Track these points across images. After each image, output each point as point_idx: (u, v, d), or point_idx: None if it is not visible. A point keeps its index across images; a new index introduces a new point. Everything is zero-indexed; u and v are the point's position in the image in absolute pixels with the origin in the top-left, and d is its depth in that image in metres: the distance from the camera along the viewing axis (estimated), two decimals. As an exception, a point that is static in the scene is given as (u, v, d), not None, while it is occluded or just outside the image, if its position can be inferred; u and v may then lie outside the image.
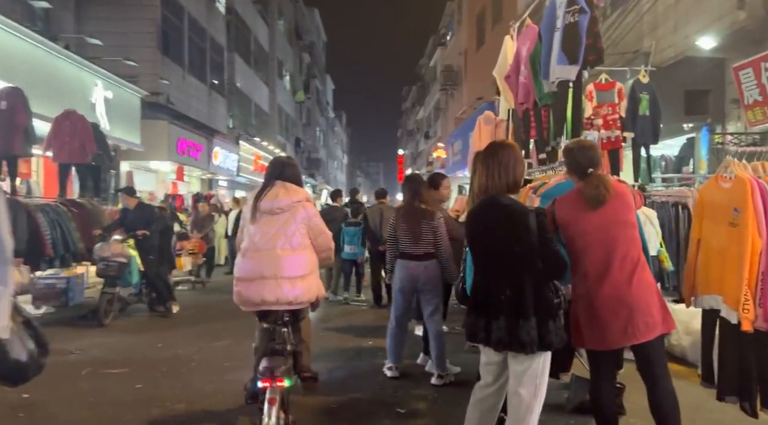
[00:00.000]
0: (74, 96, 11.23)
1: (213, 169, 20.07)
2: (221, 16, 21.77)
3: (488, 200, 2.60)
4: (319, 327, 6.69)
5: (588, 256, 2.72)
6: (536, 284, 2.48)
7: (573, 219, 2.75)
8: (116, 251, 6.58)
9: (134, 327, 6.75)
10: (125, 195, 7.40)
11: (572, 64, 3.59)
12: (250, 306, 3.30)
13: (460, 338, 5.77)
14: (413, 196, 4.63)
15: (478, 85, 23.38)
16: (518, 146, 2.76)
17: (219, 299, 8.72)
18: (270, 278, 3.19)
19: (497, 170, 2.58)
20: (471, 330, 2.63)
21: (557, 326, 2.50)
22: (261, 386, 3.03)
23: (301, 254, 3.27)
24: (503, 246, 2.52)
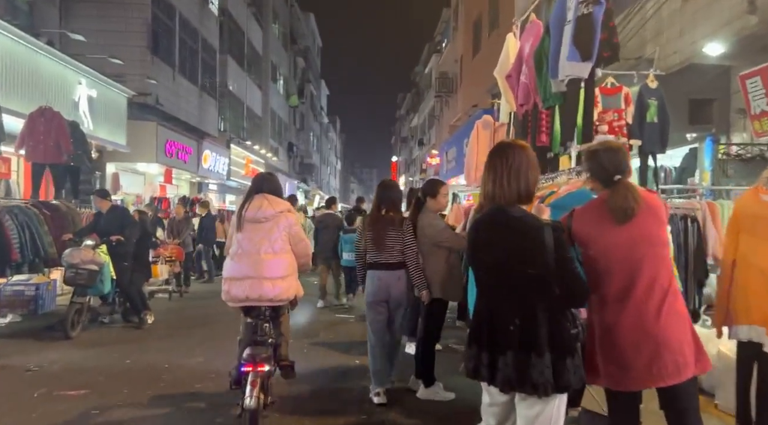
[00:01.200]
0: (56, 94, 10.78)
1: (203, 172, 19.62)
2: (214, 17, 21.38)
3: (495, 210, 2.20)
4: (304, 342, 6.27)
5: (609, 278, 2.33)
6: (552, 313, 2.07)
7: (594, 235, 2.35)
8: (87, 257, 6.10)
9: (103, 340, 6.28)
10: (97, 198, 6.96)
11: (585, 60, 3.22)
12: (236, 302, 3.74)
13: (455, 356, 5.40)
14: (380, 203, 4.49)
15: (473, 92, 23.18)
16: (529, 147, 2.31)
17: (196, 310, 8.29)
18: (254, 278, 3.65)
19: (506, 175, 2.16)
20: (472, 364, 2.21)
21: (576, 363, 2.09)
22: (244, 370, 3.47)
23: (282, 258, 3.74)
24: (512, 266, 2.11)
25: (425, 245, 4.37)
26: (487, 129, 6.27)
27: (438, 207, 4.53)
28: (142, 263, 7.14)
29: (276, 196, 3.91)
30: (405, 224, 4.42)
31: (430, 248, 4.36)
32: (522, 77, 4.24)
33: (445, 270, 4.34)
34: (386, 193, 4.54)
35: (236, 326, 4.32)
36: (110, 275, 6.49)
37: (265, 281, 3.64)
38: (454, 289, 4.39)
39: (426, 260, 4.37)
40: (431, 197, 4.47)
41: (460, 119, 24.59)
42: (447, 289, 4.35)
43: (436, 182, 4.64)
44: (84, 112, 11.91)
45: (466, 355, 2.28)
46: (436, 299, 4.34)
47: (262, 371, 3.48)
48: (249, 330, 3.71)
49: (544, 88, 3.83)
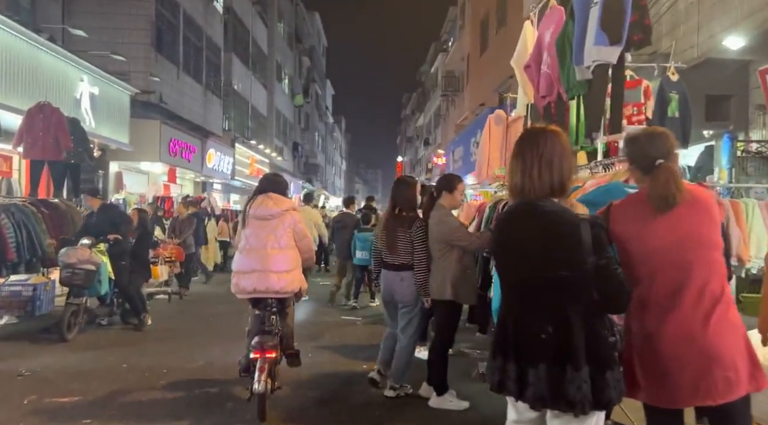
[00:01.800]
0: (57, 90, 10.61)
1: (207, 172, 19.46)
2: (219, 15, 21.21)
3: (524, 205, 1.94)
4: (309, 345, 6.04)
5: (652, 282, 2.05)
6: (589, 321, 1.82)
7: (635, 232, 2.07)
8: (83, 257, 5.87)
9: (100, 343, 6.04)
10: (87, 196, 6.73)
11: (614, 44, 2.98)
12: (244, 294, 4.04)
13: (467, 361, 5.16)
14: (394, 202, 4.43)
15: (480, 90, 22.95)
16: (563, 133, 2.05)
17: (196, 312, 8.01)
18: (261, 271, 3.93)
19: (537, 165, 1.90)
20: (497, 377, 1.96)
21: (616, 377, 1.84)
22: (253, 357, 3.77)
23: (287, 253, 4.03)
24: (545, 268, 1.86)
25: (436, 243, 4.12)
26: (499, 124, 6.02)
27: (453, 204, 4.26)
28: (142, 263, 6.90)
29: (281, 195, 4.21)
30: (415, 226, 4.27)
31: (441, 246, 4.10)
32: (543, 67, 3.99)
33: (458, 271, 4.07)
34: (400, 191, 4.41)
35: (239, 328, 4.69)
36: (108, 275, 6.27)
37: (272, 274, 3.94)
38: (467, 291, 4.13)
39: (437, 260, 4.13)
40: (448, 192, 4.19)
41: (467, 118, 24.37)
42: (460, 291, 4.08)
43: (454, 177, 4.37)
44: (86, 109, 11.74)
45: (489, 367, 2.03)
46: (448, 302, 4.08)
47: (270, 357, 3.81)
48: (257, 321, 4.04)
49: (568, 76, 3.58)
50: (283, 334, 4.13)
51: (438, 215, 4.13)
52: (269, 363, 3.78)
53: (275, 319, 4.01)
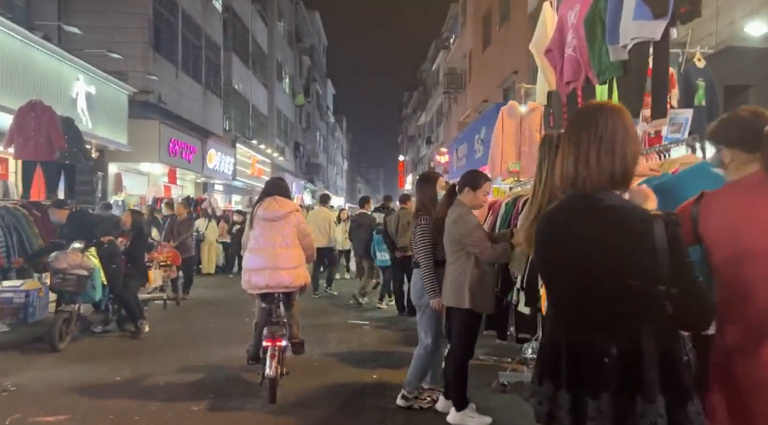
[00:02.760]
0: (52, 90, 10.32)
1: (207, 172, 19.17)
2: (218, 13, 20.91)
3: (579, 199, 1.61)
4: (315, 352, 5.71)
5: (753, 295, 1.64)
6: (663, 341, 1.49)
7: (737, 229, 1.67)
8: (74, 262, 5.55)
9: (93, 353, 5.69)
10: (54, 209, 6.37)
11: (658, 17, 2.64)
12: (256, 289, 4.41)
13: (485, 370, 4.81)
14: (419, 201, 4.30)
15: (483, 87, 22.67)
16: (626, 111, 1.70)
17: (195, 319, 7.58)
18: (271, 268, 4.32)
19: (595, 149, 1.57)
20: (546, 408, 1.62)
21: (697, 409, 1.50)
22: (264, 345, 4.19)
23: (293, 250, 4.43)
24: (606, 275, 1.53)
25: (451, 244, 3.78)
26: (513, 116, 5.69)
27: (475, 203, 3.87)
28: (138, 267, 6.56)
29: (286, 198, 4.62)
30: (417, 221, 4.08)
31: (456, 248, 3.73)
32: (568, 50, 3.66)
33: (474, 276, 3.68)
34: (420, 189, 4.28)
35: (239, 335, 5.22)
36: (101, 280, 5.94)
37: (281, 271, 4.34)
38: (485, 299, 3.74)
39: (452, 263, 3.79)
40: (471, 189, 3.82)
41: (470, 116, 24.09)
42: (477, 298, 3.69)
43: (481, 174, 4.00)
44: (82, 109, 11.44)
45: (535, 393, 1.70)
46: (465, 309, 3.75)
47: (279, 345, 4.21)
48: (265, 314, 4.42)
49: (599, 58, 3.24)
50: (289, 324, 4.52)
51: (456, 212, 3.78)
52: (279, 350, 4.20)
53: (282, 311, 4.44)
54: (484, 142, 15.45)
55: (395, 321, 7.74)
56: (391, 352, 5.81)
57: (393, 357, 5.54)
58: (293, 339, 4.65)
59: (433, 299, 3.94)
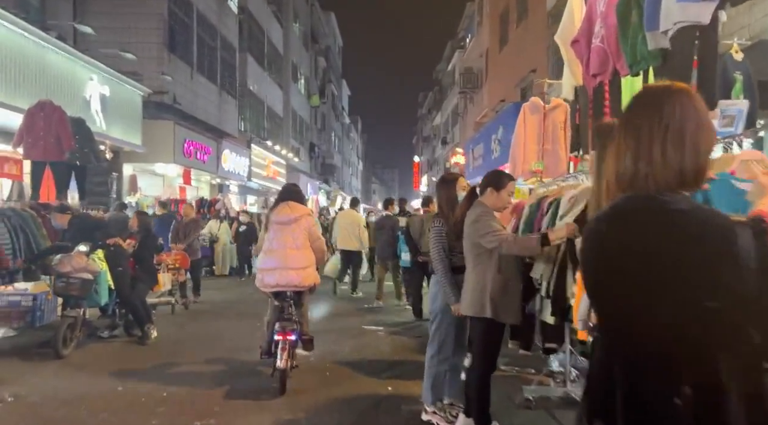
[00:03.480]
0: (65, 90, 10.27)
1: (222, 173, 19.10)
2: (233, 14, 20.85)
3: (639, 201, 1.31)
4: (327, 361, 5.48)
5: None
6: (749, 377, 1.21)
7: None
8: (79, 265, 5.38)
9: (97, 360, 5.47)
10: (55, 214, 6.26)
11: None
12: (268, 288, 4.71)
13: (508, 382, 4.52)
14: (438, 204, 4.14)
15: (500, 86, 22.35)
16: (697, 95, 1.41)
17: (203, 325, 7.29)
18: (282, 268, 4.61)
19: (660, 140, 1.28)
20: None
21: None
22: (276, 339, 4.47)
23: (303, 252, 4.71)
24: (678, 296, 1.23)
25: (471, 248, 3.51)
26: (535, 113, 5.40)
27: (497, 204, 3.52)
28: (146, 270, 6.38)
29: (299, 203, 4.93)
30: (432, 223, 3.92)
31: (477, 252, 3.45)
32: (595, 41, 3.38)
33: (498, 283, 3.39)
34: (438, 191, 4.09)
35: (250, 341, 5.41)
36: (108, 284, 5.77)
37: (291, 271, 4.64)
38: (510, 308, 3.44)
39: (472, 269, 3.51)
40: (494, 189, 3.53)
41: (486, 116, 23.78)
42: (500, 307, 3.39)
43: (504, 174, 3.72)
44: (96, 110, 11.38)
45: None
46: (487, 320, 3.45)
47: (290, 339, 4.51)
48: (277, 311, 4.73)
49: (633, 47, 2.96)
50: (299, 322, 4.77)
51: (475, 212, 3.49)
52: (289, 344, 4.50)
53: (293, 309, 4.69)
54: (502, 142, 15.13)
55: (411, 326, 7.49)
56: (406, 361, 5.56)
57: (409, 367, 5.28)
58: (303, 336, 4.94)
59: (454, 304, 3.69)
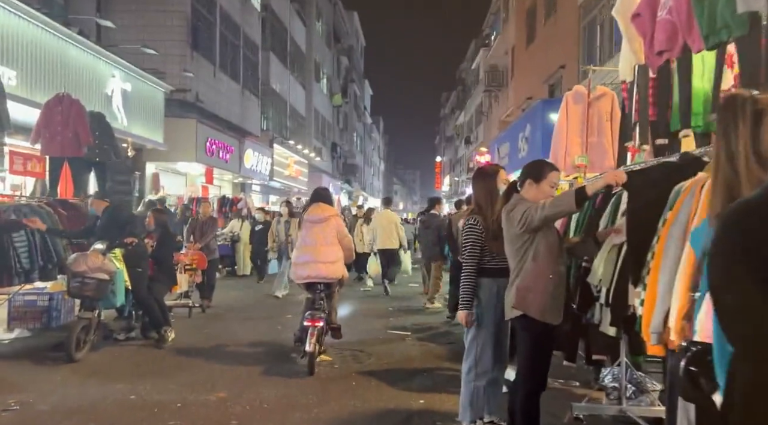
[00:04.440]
0: (86, 86, 10.14)
1: (245, 172, 18.97)
2: (256, 12, 20.71)
3: None
4: (352, 370, 5.14)
5: None
6: None
7: None
8: (94, 264, 5.12)
9: (111, 365, 5.18)
10: (94, 199, 6.08)
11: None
12: (300, 280, 5.27)
13: (556, 397, 4.03)
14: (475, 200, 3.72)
15: (527, 83, 21.84)
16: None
17: (221, 329, 6.89)
18: (313, 262, 5.14)
19: None
20: None
21: None
22: (305, 325, 4.98)
23: (332, 248, 5.22)
24: None
25: (512, 242, 3.08)
26: (579, 103, 4.97)
27: (539, 197, 3.09)
28: (165, 270, 6.11)
29: (328, 204, 5.52)
30: (466, 220, 3.54)
31: (518, 245, 3.03)
32: (661, 13, 2.97)
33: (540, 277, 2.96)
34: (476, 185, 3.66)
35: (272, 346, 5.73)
36: (125, 284, 5.51)
37: (320, 264, 5.15)
38: (553, 306, 3.03)
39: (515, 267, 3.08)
40: (534, 181, 3.11)
41: (512, 114, 23.29)
42: (547, 306, 2.99)
43: (545, 163, 3.32)
44: (118, 106, 11.25)
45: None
46: (533, 323, 2.98)
47: (318, 325, 4.97)
48: (309, 301, 5.28)
49: (710, 14, 2.55)
50: (328, 312, 5.33)
51: (510, 205, 3.11)
52: (318, 330, 4.96)
53: (323, 300, 5.21)
54: (529, 140, 14.63)
55: (440, 331, 7.09)
56: (439, 370, 5.15)
57: (441, 377, 4.89)
58: (332, 325, 5.47)
59: (461, 311, 3.39)
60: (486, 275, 3.39)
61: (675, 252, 2.17)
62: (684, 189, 2.28)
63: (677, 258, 2.15)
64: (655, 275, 2.25)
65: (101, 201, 6.02)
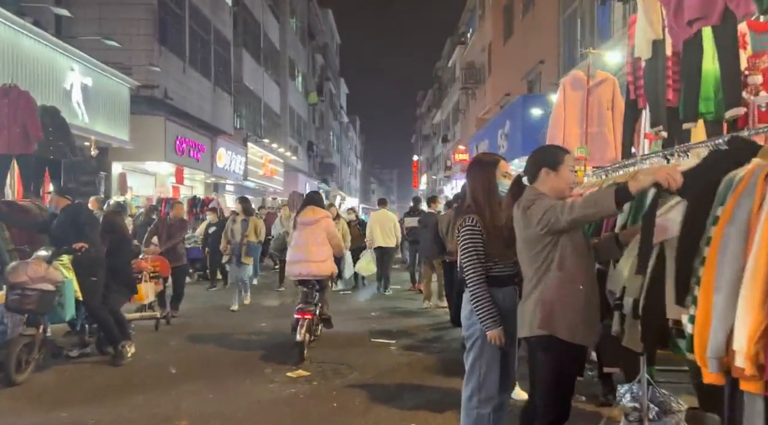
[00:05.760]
0: (42, 80, 9.43)
1: (217, 172, 18.29)
2: (227, 6, 20.01)
3: None
4: (333, 383, 4.67)
5: None
6: None
7: None
8: (36, 274, 4.49)
9: (58, 387, 4.54)
10: (55, 194, 5.44)
11: None
12: (294, 277, 5.93)
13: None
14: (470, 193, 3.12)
15: (505, 80, 21.65)
16: None
17: (187, 344, 6.17)
18: (305, 261, 5.77)
19: None
20: None
21: None
22: (296, 318, 5.59)
23: (322, 247, 5.79)
24: None
25: (529, 246, 2.58)
26: (578, 90, 4.57)
27: (560, 186, 2.62)
28: (122, 279, 5.46)
29: (320, 207, 6.01)
30: (462, 220, 2.94)
31: (538, 248, 2.54)
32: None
33: (566, 290, 2.48)
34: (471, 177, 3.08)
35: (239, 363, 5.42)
36: (74, 295, 4.89)
37: (311, 263, 5.66)
38: (587, 324, 2.53)
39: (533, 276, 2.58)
40: (550, 169, 2.61)
41: (490, 111, 23.11)
42: (576, 323, 2.49)
43: (555, 147, 2.88)
44: (78, 102, 10.55)
45: None
46: (560, 344, 2.49)
47: (308, 318, 5.47)
48: (303, 296, 5.79)
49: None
50: (321, 305, 5.98)
51: (525, 200, 2.62)
52: (308, 322, 5.48)
53: (314, 294, 5.81)
54: (509, 136, 14.33)
55: (427, 337, 6.65)
56: (429, 387, 4.64)
57: (433, 395, 4.39)
58: (323, 316, 6.09)
59: (491, 330, 2.76)
60: (489, 284, 2.83)
61: (735, 257, 1.75)
62: (740, 179, 1.87)
63: (739, 264, 1.73)
64: (709, 286, 1.83)
65: (62, 198, 5.38)
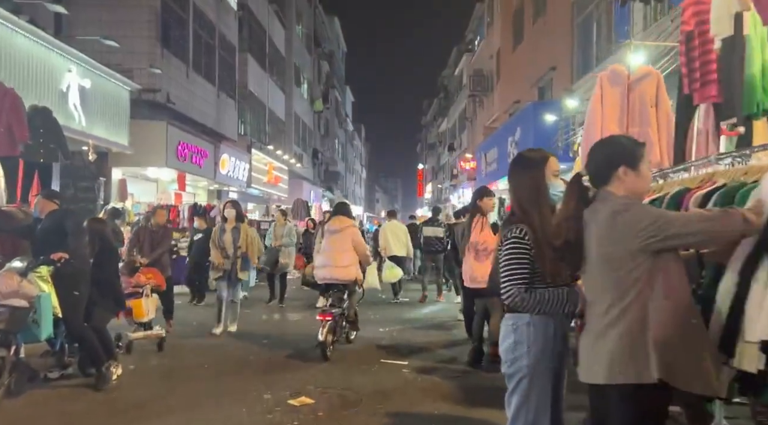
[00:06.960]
0: (36, 80, 9.02)
1: (220, 178, 17.87)
2: (233, 11, 19.69)
3: None
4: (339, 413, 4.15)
5: None
6: None
7: None
8: (8, 288, 4.00)
9: (28, 418, 4.09)
10: (41, 197, 4.95)
11: None
12: (321, 280, 6.51)
13: None
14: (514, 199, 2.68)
15: (514, 87, 21.25)
16: None
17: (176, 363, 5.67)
18: (331, 266, 6.24)
19: None
20: None
21: None
22: (318, 318, 6.06)
23: (347, 254, 6.27)
24: None
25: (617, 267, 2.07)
26: (617, 85, 4.09)
27: (642, 186, 2.21)
28: (107, 292, 4.97)
29: (346, 216, 6.54)
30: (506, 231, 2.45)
31: (628, 267, 2.04)
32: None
33: (670, 321, 1.98)
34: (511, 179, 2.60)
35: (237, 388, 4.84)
36: (52, 311, 4.39)
37: (336, 268, 6.21)
38: (693, 364, 2.00)
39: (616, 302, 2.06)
40: (628, 167, 2.17)
41: (498, 119, 22.71)
42: (677, 362, 1.97)
43: (629, 140, 2.35)
44: (75, 104, 10.14)
45: None
46: (650, 390, 1.98)
47: (329, 319, 5.95)
48: (331, 300, 6.33)
49: None
50: (347, 308, 6.42)
51: (611, 206, 2.13)
52: (329, 323, 5.89)
53: (340, 299, 6.25)
54: (519, 144, 13.86)
55: (443, 357, 6.13)
56: (450, 418, 4.11)
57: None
58: (349, 319, 6.54)
59: None
60: (536, 312, 2.35)
61: None
62: None
63: None
64: None
65: (48, 201, 4.91)
